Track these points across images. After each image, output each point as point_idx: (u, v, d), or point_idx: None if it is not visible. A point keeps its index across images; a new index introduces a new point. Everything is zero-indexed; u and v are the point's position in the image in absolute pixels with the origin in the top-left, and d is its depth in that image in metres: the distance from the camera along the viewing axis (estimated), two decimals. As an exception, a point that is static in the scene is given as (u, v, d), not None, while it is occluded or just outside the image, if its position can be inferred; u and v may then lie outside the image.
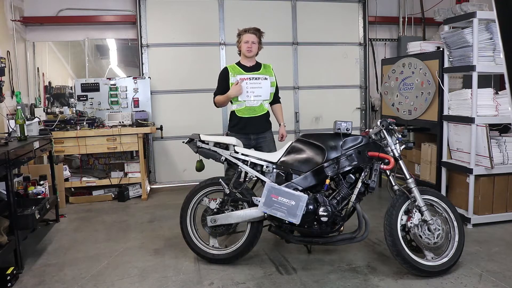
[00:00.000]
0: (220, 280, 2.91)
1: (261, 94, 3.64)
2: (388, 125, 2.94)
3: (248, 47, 3.61)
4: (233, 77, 3.63)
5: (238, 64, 3.73)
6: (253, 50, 3.63)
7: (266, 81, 3.66)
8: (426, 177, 4.47)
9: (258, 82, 3.63)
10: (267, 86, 3.66)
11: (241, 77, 3.60)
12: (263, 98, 3.66)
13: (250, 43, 3.61)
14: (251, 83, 3.61)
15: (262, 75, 3.67)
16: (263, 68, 3.74)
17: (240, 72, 3.65)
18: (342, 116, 4.94)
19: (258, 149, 3.69)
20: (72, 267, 3.18)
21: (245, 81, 3.60)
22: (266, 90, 3.66)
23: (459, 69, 4.01)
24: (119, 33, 5.83)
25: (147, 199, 5.18)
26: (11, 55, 5.01)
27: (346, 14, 6.19)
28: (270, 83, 3.68)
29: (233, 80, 3.62)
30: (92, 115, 5.27)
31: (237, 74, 3.63)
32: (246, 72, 3.65)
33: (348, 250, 3.35)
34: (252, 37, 3.62)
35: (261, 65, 3.75)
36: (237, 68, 3.69)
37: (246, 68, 3.68)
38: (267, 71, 3.72)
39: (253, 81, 3.62)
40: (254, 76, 3.64)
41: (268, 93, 3.69)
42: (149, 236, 3.84)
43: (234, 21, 5.78)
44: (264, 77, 3.66)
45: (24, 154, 3.38)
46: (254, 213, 3.02)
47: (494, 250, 3.33)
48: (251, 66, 3.70)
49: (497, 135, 4.01)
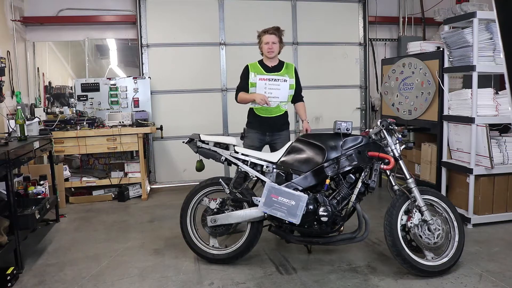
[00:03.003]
0: (220, 280, 2.91)
1: (278, 95, 3.60)
2: (388, 125, 2.94)
3: (269, 48, 3.58)
4: (253, 77, 3.61)
5: (260, 63, 3.70)
6: (274, 50, 3.60)
7: (285, 83, 3.61)
8: (426, 177, 4.47)
9: (277, 84, 3.59)
10: (285, 88, 3.62)
11: (261, 77, 3.59)
12: (280, 99, 3.62)
13: (270, 44, 3.58)
14: (270, 84, 3.59)
15: (282, 77, 3.62)
16: (284, 68, 3.68)
17: (261, 72, 3.63)
18: (342, 116, 4.96)
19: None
20: (72, 267, 3.18)
21: (264, 82, 3.58)
22: (284, 92, 3.62)
23: (459, 69, 4.01)
24: (119, 33, 5.83)
25: (147, 199, 5.18)
26: (11, 55, 5.00)
27: (346, 14, 6.19)
28: (289, 85, 3.62)
29: (253, 80, 3.60)
30: (92, 115, 5.27)
31: (258, 73, 3.62)
32: (267, 72, 3.63)
33: (348, 250, 3.35)
34: (272, 38, 3.59)
35: (283, 65, 3.70)
36: (258, 68, 3.66)
37: (267, 68, 3.66)
38: (288, 72, 3.66)
39: (272, 82, 3.59)
40: (274, 77, 3.61)
41: (286, 95, 3.64)
42: (149, 236, 3.85)
43: (234, 21, 5.78)
44: (283, 79, 3.61)
45: (24, 154, 3.38)
46: (254, 213, 3.02)
47: (494, 250, 3.33)
48: (272, 67, 3.67)
49: (497, 135, 4.01)
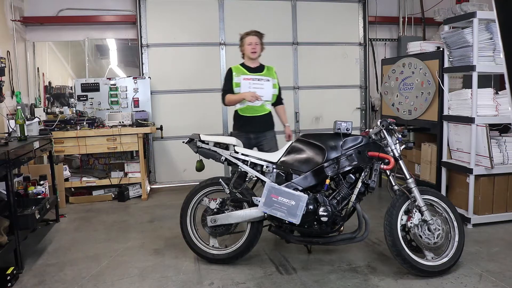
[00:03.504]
0: (220, 280, 2.91)
1: (263, 94, 3.68)
2: (388, 125, 2.94)
3: (252, 48, 3.71)
4: (237, 77, 3.71)
5: (242, 65, 3.82)
6: (257, 51, 3.73)
7: (268, 83, 3.73)
8: (426, 177, 4.47)
9: (260, 83, 3.70)
10: (269, 88, 3.73)
11: (245, 77, 3.68)
12: (265, 99, 3.72)
13: (254, 44, 3.71)
14: (254, 83, 3.69)
15: (265, 77, 3.74)
16: (266, 70, 3.81)
17: (244, 72, 3.73)
18: (342, 116, 4.96)
19: (259, 147, 3.77)
20: (72, 267, 3.18)
21: (248, 81, 3.68)
22: (268, 92, 3.72)
23: (459, 69, 4.01)
24: (119, 33, 5.83)
25: (147, 199, 5.18)
26: (11, 55, 5.00)
27: (346, 14, 6.19)
28: (272, 85, 3.75)
29: (237, 80, 3.70)
30: (92, 115, 5.26)
31: (241, 74, 3.72)
32: (249, 72, 3.74)
33: (348, 250, 3.35)
34: (255, 39, 3.73)
35: (264, 67, 3.83)
36: (241, 69, 3.78)
37: (250, 69, 3.77)
38: (270, 73, 3.80)
39: (256, 82, 3.70)
40: (257, 77, 3.72)
41: (270, 95, 3.75)
42: (149, 236, 3.85)
43: (234, 21, 5.78)
44: (266, 79, 3.73)
45: (24, 154, 3.38)
46: (254, 213, 3.02)
47: (494, 250, 3.33)
48: (255, 67, 3.79)
49: (497, 135, 4.01)
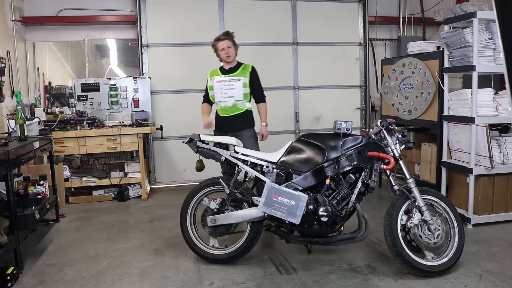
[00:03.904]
0: (220, 280, 2.91)
1: (233, 95, 3.78)
2: (388, 125, 2.94)
3: (226, 53, 3.79)
4: (210, 80, 3.87)
5: (220, 68, 3.93)
6: (231, 54, 3.81)
7: (238, 82, 3.78)
8: (426, 177, 4.47)
9: (231, 84, 3.79)
10: (239, 87, 3.78)
11: (217, 79, 3.81)
12: (236, 98, 3.78)
13: (226, 49, 3.78)
14: (225, 84, 3.79)
15: (236, 77, 3.80)
16: (241, 69, 3.86)
17: (218, 74, 3.86)
18: (342, 116, 4.95)
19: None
20: (72, 267, 3.18)
21: (220, 83, 3.80)
22: (238, 91, 3.78)
23: (459, 69, 4.01)
24: (119, 33, 5.83)
25: (147, 199, 5.18)
26: (11, 55, 5.00)
27: (346, 14, 6.19)
28: (242, 83, 3.78)
29: (210, 83, 3.86)
30: (92, 115, 5.27)
31: (215, 76, 3.85)
32: (223, 74, 3.85)
33: (348, 250, 3.35)
34: (226, 43, 3.79)
35: (240, 67, 3.88)
36: (216, 71, 3.90)
37: (224, 71, 3.88)
38: (243, 73, 3.83)
39: (227, 83, 3.79)
40: (229, 78, 3.81)
41: (241, 94, 3.79)
42: (149, 236, 3.85)
43: (234, 21, 5.78)
44: (237, 79, 3.79)
45: (24, 154, 3.38)
46: (254, 213, 3.02)
47: (494, 250, 3.33)
48: (229, 69, 3.87)
49: (497, 135, 4.01)
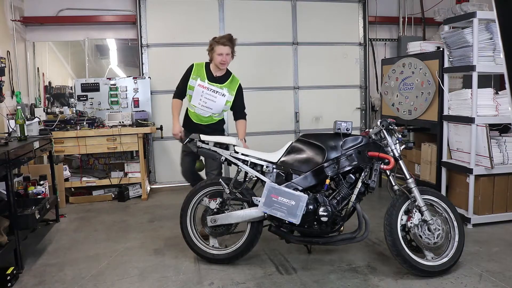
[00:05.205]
0: (220, 280, 2.91)
1: (212, 107, 3.52)
2: (388, 125, 2.94)
3: (222, 60, 3.44)
4: (193, 80, 3.51)
5: (207, 67, 3.56)
6: (227, 62, 3.48)
7: (222, 98, 3.51)
8: (426, 177, 4.47)
9: (214, 95, 3.49)
10: (220, 103, 3.52)
11: (201, 84, 3.49)
12: (213, 111, 3.55)
13: (224, 56, 3.43)
14: (207, 93, 3.49)
15: (221, 90, 3.51)
16: (229, 82, 3.57)
17: (203, 78, 3.51)
18: (342, 116, 4.95)
19: None
20: (72, 267, 3.18)
21: (202, 89, 3.49)
22: (218, 106, 3.53)
23: (459, 69, 4.01)
24: (119, 33, 5.83)
25: (147, 199, 5.18)
26: (11, 55, 5.00)
27: (346, 14, 6.19)
28: (225, 101, 3.54)
29: (192, 83, 3.51)
30: (92, 115, 5.26)
31: (199, 77, 3.51)
32: (209, 81, 3.52)
33: (348, 250, 3.35)
34: (226, 49, 3.43)
35: (228, 78, 3.58)
36: (202, 72, 3.53)
37: (211, 77, 3.54)
38: (230, 86, 3.56)
39: (210, 92, 3.49)
40: (213, 88, 3.50)
41: (220, 109, 3.56)
42: (149, 236, 3.84)
43: (234, 21, 5.78)
44: (222, 93, 3.51)
45: (24, 154, 3.38)
46: (254, 213, 3.01)
47: (494, 250, 3.33)
48: (217, 77, 3.55)
49: (497, 135, 4.01)
